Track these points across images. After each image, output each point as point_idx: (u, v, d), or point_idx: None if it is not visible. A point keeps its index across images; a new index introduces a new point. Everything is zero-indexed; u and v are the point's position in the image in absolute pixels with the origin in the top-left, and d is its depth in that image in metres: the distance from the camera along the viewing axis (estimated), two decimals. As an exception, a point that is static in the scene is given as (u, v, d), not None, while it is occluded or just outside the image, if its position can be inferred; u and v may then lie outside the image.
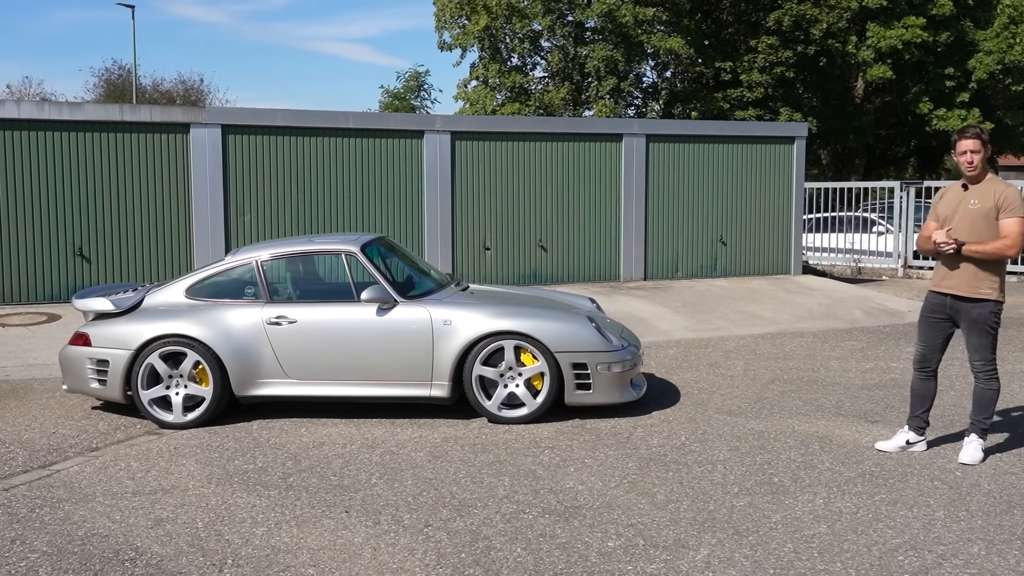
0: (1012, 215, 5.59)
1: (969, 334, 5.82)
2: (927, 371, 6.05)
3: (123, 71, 49.04)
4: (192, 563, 4.43)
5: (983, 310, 5.71)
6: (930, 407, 6.09)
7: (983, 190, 5.71)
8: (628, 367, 7.09)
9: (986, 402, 5.86)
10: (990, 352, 5.81)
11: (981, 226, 5.65)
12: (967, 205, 5.72)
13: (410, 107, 32.07)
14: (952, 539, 4.60)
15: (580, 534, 4.72)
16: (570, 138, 13.94)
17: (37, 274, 11.72)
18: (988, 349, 5.80)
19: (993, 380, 5.85)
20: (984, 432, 5.92)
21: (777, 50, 27.91)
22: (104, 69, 51.09)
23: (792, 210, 15.33)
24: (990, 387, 5.85)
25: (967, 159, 5.66)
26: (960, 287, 5.74)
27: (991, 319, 5.73)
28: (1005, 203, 5.62)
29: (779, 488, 5.40)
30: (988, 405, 5.87)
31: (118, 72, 48.50)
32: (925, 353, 6.03)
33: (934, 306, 5.94)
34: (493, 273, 13.62)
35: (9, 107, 11.55)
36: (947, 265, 5.80)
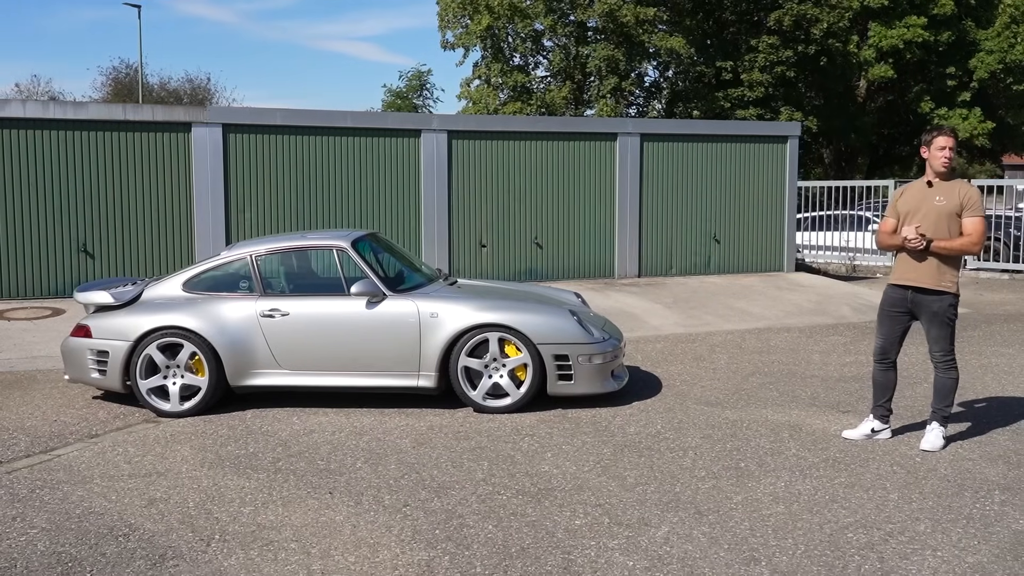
0: (975, 214, 5.86)
1: (930, 326, 6.07)
2: (887, 362, 6.31)
3: (130, 70, 49.46)
4: (182, 538, 4.70)
5: (943, 303, 5.97)
6: (891, 396, 6.35)
7: (949, 189, 5.94)
8: (609, 359, 7.34)
9: (946, 391, 6.10)
10: (949, 343, 6.06)
11: (945, 223, 5.89)
12: (932, 202, 5.94)
13: (412, 106, 32.36)
14: (901, 518, 4.85)
15: (550, 513, 4.98)
16: (565, 137, 14.20)
17: (42, 270, 12.01)
18: (948, 340, 6.05)
19: (952, 370, 6.09)
20: (945, 420, 6.16)
21: (778, 50, 28.13)
22: (112, 68, 51.37)
23: (785, 208, 15.55)
24: (949, 376, 6.09)
25: (946, 155, 5.87)
26: (924, 280, 5.98)
27: (950, 311, 5.99)
28: (969, 203, 5.88)
29: (744, 472, 5.65)
30: (948, 393, 6.11)
31: (126, 71, 48.92)
32: (884, 345, 6.28)
33: (894, 300, 6.18)
34: (489, 270, 13.87)
35: (15, 106, 11.85)
36: (910, 260, 6.02)
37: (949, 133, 5.94)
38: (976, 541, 4.55)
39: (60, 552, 4.54)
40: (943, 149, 5.89)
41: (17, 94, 46.34)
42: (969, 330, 11.06)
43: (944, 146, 5.89)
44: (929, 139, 6.00)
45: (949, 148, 5.89)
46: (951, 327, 6.04)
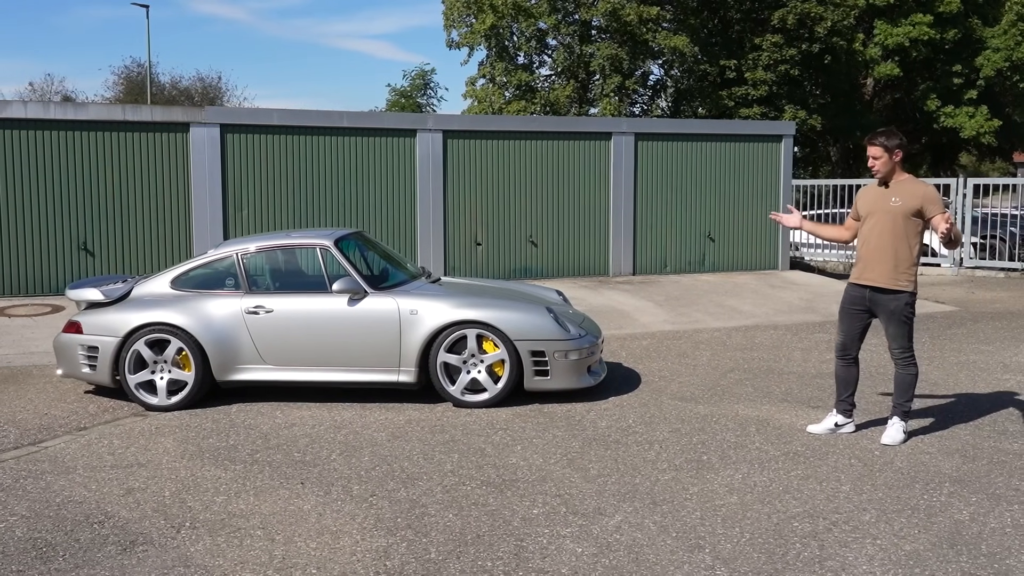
0: (938, 211, 6.02)
1: (888, 324, 6.22)
2: (848, 358, 6.45)
3: (142, 69, 49.85)
4: (154, 525, 4.90)
5: (900, 302, 6.12)
6: (854, 391, 6.49)
7: (904, 189, 6.11)
8: (585, 355, 7.51)
9: (905, 386, 6.24)
10: (907, 340, 6.20)
11: (901, 223, 6.06)
12: (888, 203, 6.12)
13: (416, 105, 32.59)
14: (849, 509, 5.00)
15: (510, 503, 5.16)
16: (560, 137, 14.36)
17: (42, 267, 12.26)
18: (905, 337, 6.19)
19: (911, 365, 6.23)
20: (905, 415, 6.30)
21: (781, 48, 28.22)
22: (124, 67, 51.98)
23: (780, 206, 15.66)
24: (908, 372, 6.22)
25: (870, 164, 6.16)
26: (880, 280, 6.12)
27: (907, 310, 6.14)
28: (928, 202, 6.05)
29: (705, 465, 5.81)
30: (908, 388, 6.24)
31: (137, 70, 49.30)
32: (845, 342, 6.43)
33: (854, 298, 6.33)
34: (484, 268, 14.06)
35: (16, 107, 12.10)
36: (868, 260, 6.18)
37: (874, 142, 6.12)
38: (917, 531, 4.70)
39: (36, 538, 4.74)
40: (869, 159, 6.15)
41: (31, 93, 46.83)
42: (954, 327, 11.18)
43: (870, 155, 6.14)
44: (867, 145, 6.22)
45: (873, 157, 6.12)
46: (908, 325, 6.18)
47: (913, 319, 6.21)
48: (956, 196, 17.09)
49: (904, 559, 4.36)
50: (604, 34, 27.73)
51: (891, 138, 6.09)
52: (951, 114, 32.06)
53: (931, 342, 10.19)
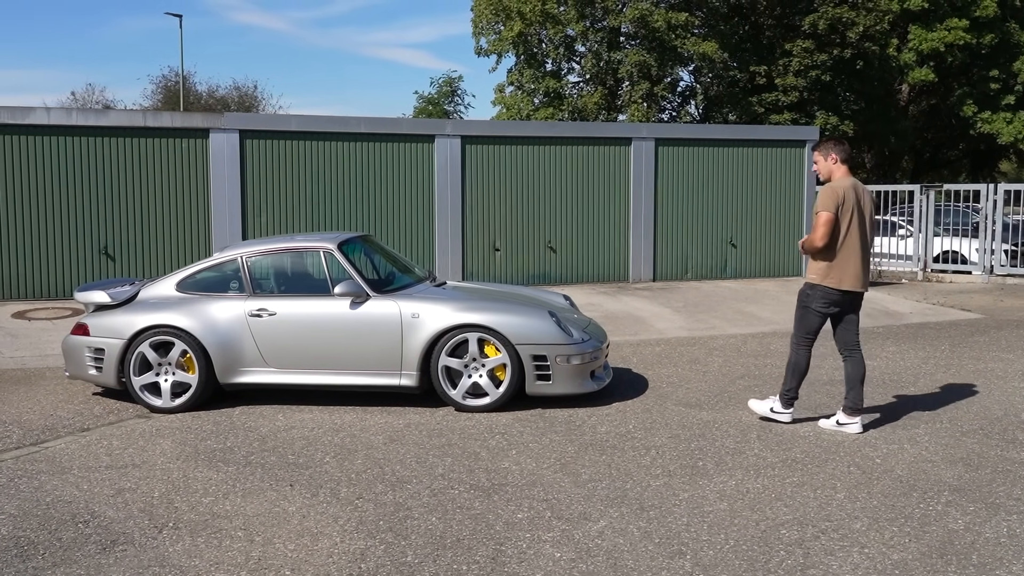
0: (818, 208, 6.43)
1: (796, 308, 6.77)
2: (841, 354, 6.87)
3: (179, 78, 50.54)
4: (137, 526, 4.90)
5: (804, 288, 6.66)
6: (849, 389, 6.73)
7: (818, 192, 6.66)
8: (588, 360, 7.43)
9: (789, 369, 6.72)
10: (800, 328, 6.68)
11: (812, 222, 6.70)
12: None
13: (443, 112, 32.67)
14: (840, 517, 4.89)
15: (495, 507, 5.10)
16: (579, 142, 14.30)
17: (65, 271, 12.41)
18: (799, 324, 6.69)
19: (798, 352, 6.68)
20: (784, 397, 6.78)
21: (812, 54, 27.94)
22: (162, 76, 52.56)
23: (803, 213, 15.48)
24: (793, 355, 6.70)
25: (814, 168, 6.81)
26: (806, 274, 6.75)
27: (806, 299, 6.60)
28: (816, 201, 6.52)
29: (700, 471, 5.72)
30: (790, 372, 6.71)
31: (174, 79, 49.94)
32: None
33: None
34: (502, 273, 14.02)
35: (39, 114, 12.26)
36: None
37: (815, 148, 6.72)
38: (907, 539, 4.58)
39: (20, 536, 4.76)
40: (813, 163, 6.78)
41: (73, 102, 47.59)
42: (977, 335, 10.96)
43: (814, 160, 6.75)
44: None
45: (814, 162, 6.72)
46: (803, 310, 6.64)
47: (811, 310, 6.56)
48: (987, 202, 16.79)
49: (890, 569, 4.25)
50: (632, 40, 27.63)
51: (825, 144, 6.61)
52: (988, 120, 31.54)
53: (951, 350, 9.99)
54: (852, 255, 6.39)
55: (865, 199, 6.47)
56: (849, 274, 6.41)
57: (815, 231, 6.35)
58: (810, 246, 6.42)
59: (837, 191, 6.36)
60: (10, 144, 12.16)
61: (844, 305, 6.55)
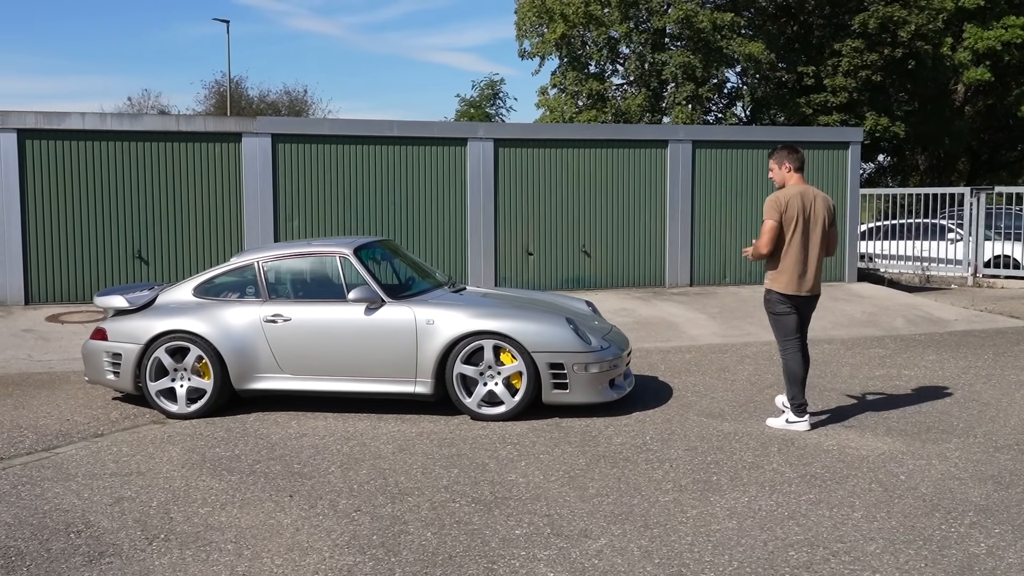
0: (765, 217, 6.60)
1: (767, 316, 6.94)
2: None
3: (232, 83, 51.21)
4: (129, 537, 4.82)
5: (766, 296, 6.85)
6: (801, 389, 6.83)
7: None
8: (607, 368, 7.24)
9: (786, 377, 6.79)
10: (778, 333, 6.82)
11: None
12: None
13: (485, 115, 32.56)
14: (855, 538, 4.64)
15: (494, 522, 4.93)
16: (614, 144, 14.08)
17: (98, 276, 12.49)
18: (775, 330, 6.85)
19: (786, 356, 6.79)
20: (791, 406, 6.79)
21: (862, 53, 27.32)
22: (215, 82, 53.34)
23: (847, 216, 15.08)
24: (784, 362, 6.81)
25: (770, 175, 6.90)
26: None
27: (768, 304, 6.81)
28: (764, 209, 6.66)
29: (712, 486, 5.49)
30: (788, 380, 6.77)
31: (226, 84, 50.58)
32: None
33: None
34: (536, 278, 13.85)
35: (74, 119, 12.36)
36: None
37: (771, 155, 6.87)
38: (923, 564, 4.32)
39: (10, 546, 4.70)
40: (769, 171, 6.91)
41: (130, 107, 48.39)
42: (1020, 344, 10.54)
43: (769, 167, 6.90)
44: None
45: (769, 169, 6.87)
46: (771, 318, 6.86)
47: (774, 314, 6.78)
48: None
49: (901, 595, 4.01)
50: (677, 42, 27.29)
51: (779, 153, 6.79)
52: (1047, 121, 30.60)
53: (994, 359, 9.61)
54: (797, 261, 6.60)
55: (817, 205, 6.62)
56: (795, 279, 6.63)
57: (760, 239, 6.60)
58: (755, 253, 6.67)
59: (780, 200, 6.57)
60: (46, 149, 12.27)
61: (797, 307, 6.75)
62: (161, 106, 51.06)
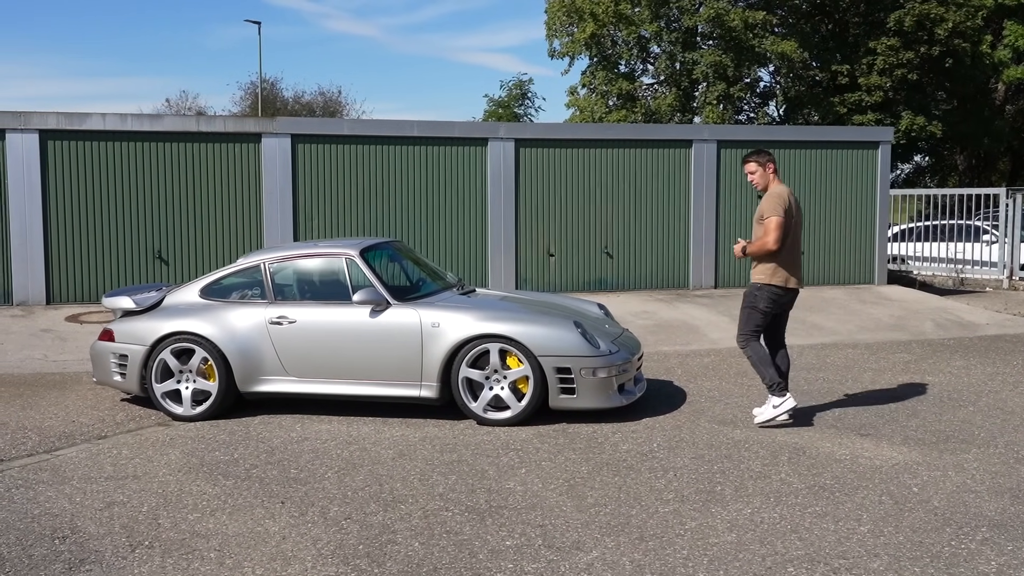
0: (768, 215, 6.80)
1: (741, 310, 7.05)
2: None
3: (267, 84, 51.58)
4: (114, 543, 4.73)
5: (751, 289, 6.97)
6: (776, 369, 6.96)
7: (762, 199, 6.97)
8: (615, 372, 7.07)
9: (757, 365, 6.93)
10: (746, 325, 6.96)
11: (757, 228, 6.95)
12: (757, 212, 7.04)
13: (513, 115, 32.40)
14: (858, 554, 4.44)
15: (484, 532, 4.79)
16: (637, 144, 13.88)
17: (119, 276, 12.52)
18: (745, 323, 6.97)
19: (747, 350, 6.96)
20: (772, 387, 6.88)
21: (898, 51, 26.85)
22: (250, 83, 53.60)
23: (876, 217, 14.78)
24: (751, 352, 6.94)
25: (749, 179, 7.08)
26: (752, 276, 7.02)
27: (749, 298, 6.95)
28: (763, 208, 6.86)
29: (715, 497, 5.31)
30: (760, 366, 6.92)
31: (262, 85, 50.91)
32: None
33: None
34: (557, 280, 13.69)
35: (95, 119, 12.39)
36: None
37: (747, 160, 7.05)
38: (928, 583, 4.12)
39: (-7, 551, 4.64)
40: (747, 174, 7.07)
41: (167, 108, 48.87)
42: (1055, 349, 10.22)
43: (747, 172, 7.07)
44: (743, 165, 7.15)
45: (749, 172, 7.03)
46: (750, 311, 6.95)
47: (758, 309, 6.88)
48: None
49: (901, 617, 3.81)
50: (708, 41, 26.98)
51: (761, 155, 7.02)
52: (1089, 119, 29.88)
53: (1023, 366, 9.30)
54: (796, 256, 6.92)
55: (797, 204, 7.01)
56: (794, 274, 6.90)
57: (767, 235, 6.73)
58: (762, 250, 6.78)
59: (783, 197, 6.84)
60: (67, 150, 12.32)
61: (785, 303, 7.00)
62: (199, 107, 51.53)
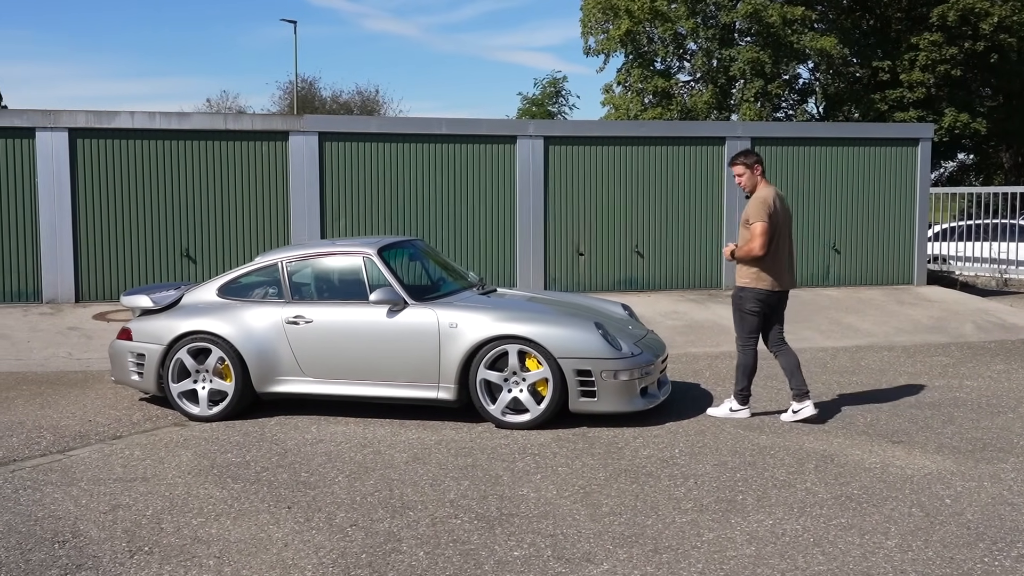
0: (754, 220, 6.77)
1: (733, 311, 7.09)
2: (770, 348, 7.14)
3: (305, 84, 51.84)
4: (113, 548, 4.62)
5: (736, 292, 7.00)
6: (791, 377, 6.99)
7: (748, 202, 6.91)
8: (637, 375, 6.86)
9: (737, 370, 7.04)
10: (742, 330, 6.98)
11: (741, 231, 6.94)
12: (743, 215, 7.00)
13: (547, 113, 32.15)
14: (884, 570, 4.21)
15: (493, 542, 4.62)
16: (669, 142, 13.63)
17: (148, 274, 12.51)
18: (740, 327, 6.99)
19: (740, 354, 7.01)
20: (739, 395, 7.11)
21: (940, 47, 26.30)
22: (289, 83, 53.88)
23: (916, 216, 14.40)
24: (741, 356, 7.00)
25: (737, 181, 7.02)
26: (736, 280, 7.05)
27: (741, 302, 6.94)
28: (749, 212, 6.83)
29: (736, 507, 5.10)
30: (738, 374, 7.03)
31: (301, 85, 51.17)
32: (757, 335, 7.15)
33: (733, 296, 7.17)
34: (587, 280, 13.48)
35: (124, 118, 12.39)
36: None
37: (736, 163, 6.97)
38: (957, 603, 3.89)
39: (-9, 555, 4.55)
40: (735, 176, 7.00)
41: (208, 109, 49.24)
42: (1102, 353, 9.84)
43: (735, 174, 7.00)
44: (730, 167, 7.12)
45: (737, 175, 6.97)
46: (742, 314, 6.95)
47: (749, 311, 6.90)
48: None
49: (927, 640, 3.58)
50: (745, 37, 26.58)
51: (749, 156, 6.96)
52: None
53: (1067, 369, 8.96)
54: (783, 258, 6.90)
55: (785, 205, 6.98)
56: (782, 276, 6.90)
57: (753, 241, 6.71)
58: (749, 255, 6.76)
59: (768, 201, 6.79)
60: (96, 148, 12.33)
61: (774, 304, 6.97)
62: (239, 107, 51.87)
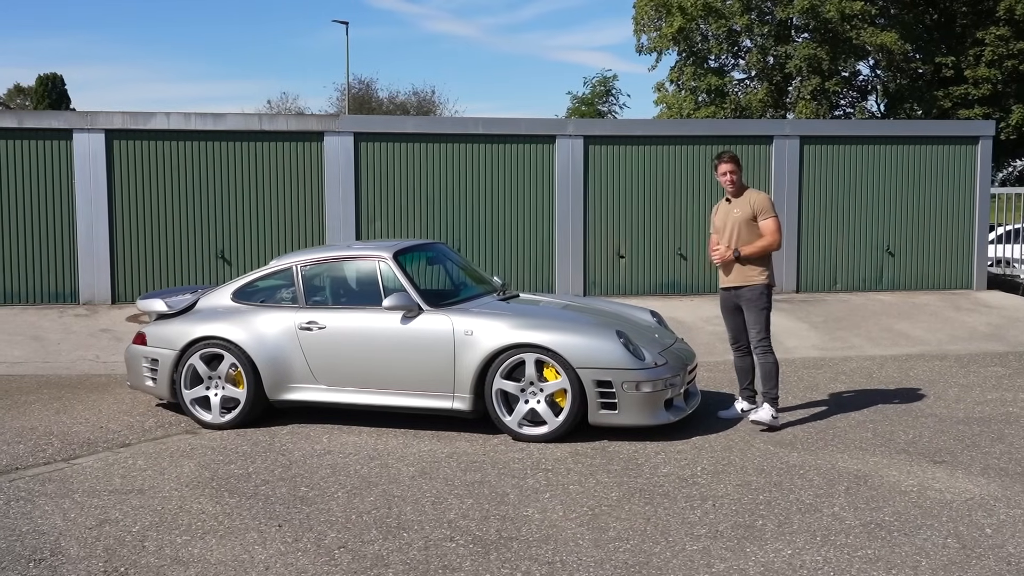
0: (767, 216, 6.79)
1: (747, 313, 6.88)
2: (741, 349, 7.08)
3: (363, 85, 52.11)
4: (89, 568, 4.42)
5: (754, 292, 6.83)
6: (752, 380, 7.03)
7: (742, 200, 6.87)
8: (660, 387, 6.50)
9: (767, 375, 6.77)
10: (763, 328, 6.81)
11: (744, 230, 6.83)
12: (732, 215, 6.87)
13: (597, 112, 31.73)
14: (908, 612, 3.82)
15: (487, 569, 4.31)
16: (714, 141, 13.17)
17: (183, 275, 12.44)
18: (762, 325, 6.82)
19: (769, 354, 6.80)
20: (774, 401, 6.78)
21: (1008, 41, 25.34)
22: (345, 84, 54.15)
23: (976, 218, 13.74)
24: (767, 360, 6.78)
25: (728, 179, 6.87)
26: (737, 280, 6.90)
27: (761, 300, 6.83)
28: (759, 208, 6.81)
29: (754, 533, 4.72)
30: (770, 377, 6.77)
31: (358, 86, 51.46)
32: (735, 335, 7.09)
33: (725, 299, 7.09)
34: (628, 283, 13.10)
35: (159, 119, 12.33)
36: (725, 267, 6.94)
37: (727, 159, 6.86)
38: (987, 654, 3.48)
39: (-37, 573, 4.37)
40: (724, 174, 6.87)
41: (269, 110, 49.74)
42: None
43: (724, 171, 6.87)
44: (715, 165, 6.98)
45: (729, 172, 6.85)
46: (765, 312, 6.82)
47: (769, 309, 6.86)
48: None
49: None
50: (802, 33, 25.90)
51: (734, 156, 6.90)
52: None
53: None
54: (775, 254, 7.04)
55: None
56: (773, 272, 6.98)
57: (772, 235, 6.74)
58: (768, 251, 6.77)
59: (771, 198, 6.96)
60: (132, 149, 12.30)
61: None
62: (298, 108, 52.31)
